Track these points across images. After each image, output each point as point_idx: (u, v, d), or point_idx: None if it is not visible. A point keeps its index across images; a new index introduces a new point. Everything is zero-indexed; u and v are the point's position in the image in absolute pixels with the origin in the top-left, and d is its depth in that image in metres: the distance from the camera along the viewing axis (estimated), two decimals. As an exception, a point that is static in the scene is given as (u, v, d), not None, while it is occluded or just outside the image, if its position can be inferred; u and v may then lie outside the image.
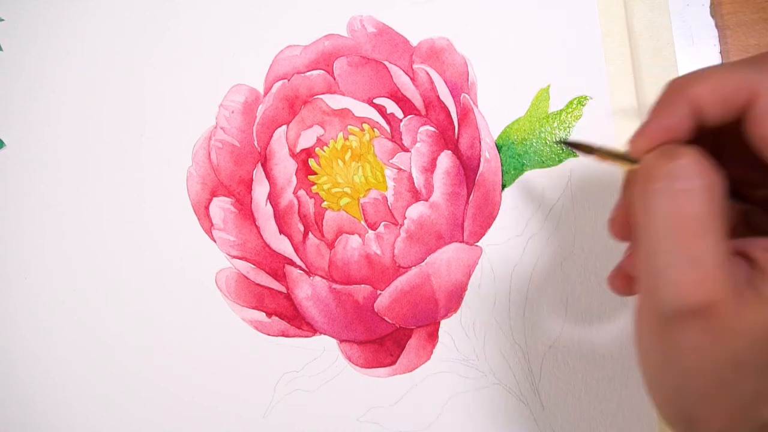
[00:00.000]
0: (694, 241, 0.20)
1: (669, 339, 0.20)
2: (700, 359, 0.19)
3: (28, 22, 0.37)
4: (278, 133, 0.35)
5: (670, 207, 0.20)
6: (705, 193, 0.20)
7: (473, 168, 0.34)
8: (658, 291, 0.20)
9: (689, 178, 0.20)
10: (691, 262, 0.20)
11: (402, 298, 0.34)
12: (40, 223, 0.36)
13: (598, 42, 0.34)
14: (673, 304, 0.20)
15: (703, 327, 0.19)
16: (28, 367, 0.36)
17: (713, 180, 0.20)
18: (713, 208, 0.20)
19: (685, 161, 0.20)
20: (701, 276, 0.19)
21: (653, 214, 0.20)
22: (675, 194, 0.20)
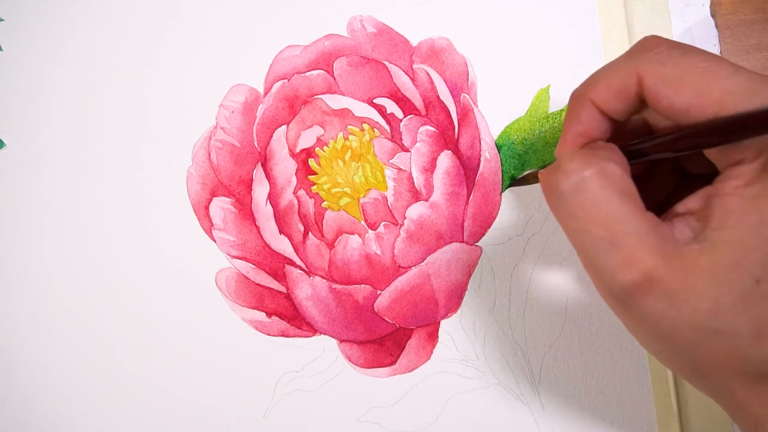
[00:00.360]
0: (607, 225, 0.21)
1: (632, 315, 0.21)
2: (670, 321, 0.20)
3: (28, 22, 0.37)
4: (278, 133, 0.35)
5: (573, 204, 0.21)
6: (598, 180, 0.21)
7: (473, 168, 0.34)
8: (600, 279, 0.21)
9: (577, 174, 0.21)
10: (612, 244, 0.21)
11: (402, 298, 0.34)
12: (40, 223, 0.36)
13: (598, 42, 0.34)
14: (616, 287, 0.21)
15: (655, 296, 0.20)
16: (28, 367, 0.36)
17: (602, 166, 0.21)
18: (613, 189, 0.21)
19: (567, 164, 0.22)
20: (627, 254, 0.20)
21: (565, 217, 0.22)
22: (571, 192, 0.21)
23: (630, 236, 0.21)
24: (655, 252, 0.20)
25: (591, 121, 0.23)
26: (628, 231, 0.21)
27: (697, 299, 0.20)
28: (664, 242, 0.21)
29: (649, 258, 0.20)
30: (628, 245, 0.20)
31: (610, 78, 0.22)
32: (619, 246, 0.21)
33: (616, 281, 0.21)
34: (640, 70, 0.21)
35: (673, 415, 0.33)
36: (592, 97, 0.23)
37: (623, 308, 0.21)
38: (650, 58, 0.21)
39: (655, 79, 0.21)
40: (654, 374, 0.33)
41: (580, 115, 0.23)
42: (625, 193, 0.21)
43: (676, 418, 0.33)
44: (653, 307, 0.20)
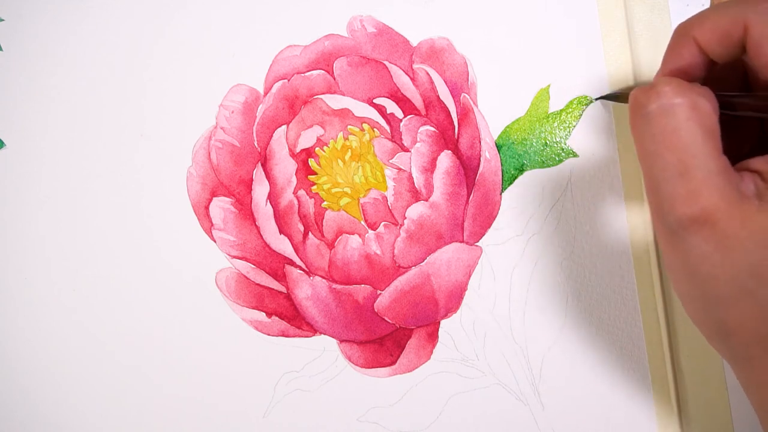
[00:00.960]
0: (682, 154, 0.21)
1: (679, 250, 0.21)
2: (712, 267, 0.21)
3: (28, 22, 0.37)
4: (278, 133, 0.35)
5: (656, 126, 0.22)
6: (686, 110, 0.21)
7: (473, 168, 0.34)
8: (660, 206, 0.22)
9: (668, 99, 0.22)
10: (681, 175, 0.21)
11: (402, 298, 0.34)
12: (40, 223, 0.36)
13: (598, 42, 0.34)
14: (673, 217, 0.21)
15: (705, 236, 0.21)
16: (28, 367, 0.36)
17: (694, 99, 0.22)
18: (696, 124, 0.21)
19: (662, 87, 0.22)
20: (694, 187, 0.21)
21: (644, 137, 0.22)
22: (658, 114, 0.22)
23: (701, 171, 0.21)
24: (720, 194, 0.21)
25: (691, 59, 0.23)
26: (700, 166, 0.21)
27: (743, 253, 0.20)
28: (730, 188, 0.21)
29: (712, 197, 0.20)
30: (697, 179, 0.21)
31: (717, 20, 0.22)
32: (688, 177, 0.21)
33: (675, 211, 0.21)
34: (748, 19, 0.22)
35: (673, 414, 0.33)
36: (696, 35, 0.23)
37: (672, 241, 0.22)
38: (760, 10, 0.22)
39: (760, 31, 0.21)
40: (654, 374, 0.33)
41: (681, 51, 0.24)
42: (709, 131, 0.21)
43: (676, 418, 0.33)
44: (701, 246, 0.21)
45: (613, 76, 0.34)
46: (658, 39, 0.34)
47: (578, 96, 0.34)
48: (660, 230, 0.22)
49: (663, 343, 0.33)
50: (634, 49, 0.34)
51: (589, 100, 0.34)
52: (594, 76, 0.34)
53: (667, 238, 0.22)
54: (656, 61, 0.34)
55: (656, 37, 0.34)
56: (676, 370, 0.33)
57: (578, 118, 0.34)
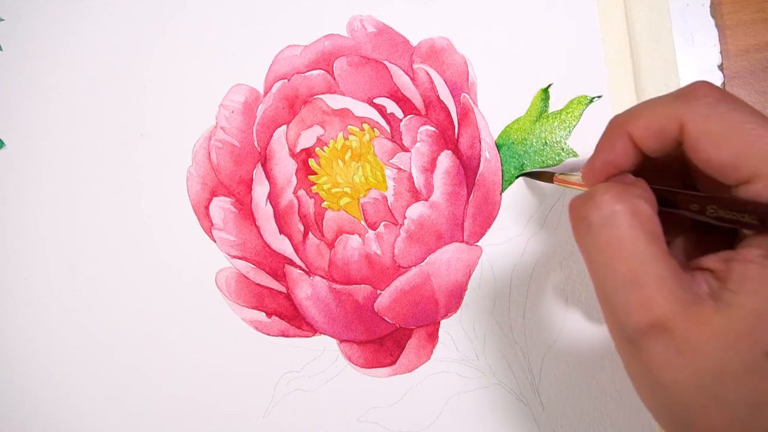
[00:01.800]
0: (627, 265, 0.21)
1: (640, 359, 0.21)
2: (675, 373, 0.20)
3: (28, 22, 0.37)
4: (278, 133, 0.35)
5: (597, 239, 0.21)
6: (628, 217, 0.21)
7: (473, 168, 0.34)
8: (614, 316, 0.21)
9: (608, 207, 0.21)
10: (631, 284, 0.21)
11: (402, 298, 0.34)
12: (40, 222, 0.36)
13: (598, 42, 0.34)
14: (629, 327, 0.21)
15: (664, 343, 0.20)
16: (28, 367, 0.36)
17: (634, 203, 0.21)
18: (639, 230, 0.21)
19: (600, 196, 0.22)
20: (646, 295, 0.20)
21: (588, 249, 0.22)
22: (596, 228, 0.21)
23: (651, 278, 0.20)
24: (673, 299, 0.20)
25: (624, 154, 0.23)
26: (650, 273, 0.20)
27: (704, 357, 0.20)
28: (683, 291, 0.20)
29: (666, 304, 0.20)
30: (648, 287, 0.20)
31: (652, 116, 0.22)
32: (639, 286, 0.20)
33: (630, 320, 0.20)
34: (684, 117, 0.21)
35: (673, 415, 0.33)
36: (631, 131, 0.23)
37: (631, 350, 0.21)
38: (696, 109, 0.21)
39: (697, 130, 0.21)
40: (654, 374, 0.33)
41: (614, 145, 0.23)
42: (653, 235, 0.21)
43: (676, 418, 0.33)
44: (661, 354, 0.20)
45: (613, 76, 0.34)
46: (658, 39, 0.34)
47: (578, 96, 0.34)
48: (617, 340, 0.22)
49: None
50: (634, 49, 0.34)
51: (589, 100, 0.34)
52: (594, 76, 0.34)
53: (626, 347, 0.21)
54: (656, 61, 0.34)
55: (656, 37, 0.34)
56: (676, 370, 0.33)
57: (578, 118, 0.34)
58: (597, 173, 0.24)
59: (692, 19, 0.34)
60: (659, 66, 0.34)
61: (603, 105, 0.34)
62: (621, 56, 0.34)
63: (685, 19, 0.34)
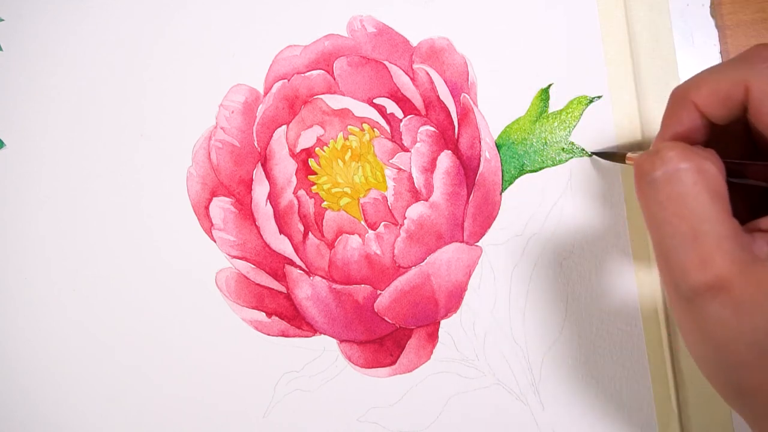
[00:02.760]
0: (690, 222, 0.21)
1: (694, 316, 0.21)
2: (730, 332, 0.20)
3: (28, 22, 0.37)
4: (278, 133, 0.35)
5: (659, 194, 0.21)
6: (693, 174, 0.21)
7: (473, 168, 0.34)
8: (671, 274, 0.21)
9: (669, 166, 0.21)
10: (692, 242, 0.21)
11: (402, 298, 0.34)
12: (40, 223, 0.36)
13: (598, 42, 0.34)
14: (686, 285, 0.21)
15: (722, 302, 0.20)
16: (28, 367, 0.36)
17: (699, 162, 0.21)
18: (704, 189, 0.21)
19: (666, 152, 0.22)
20: (705, 254, 0.20)
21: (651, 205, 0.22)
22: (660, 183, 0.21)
23: (711, 237, 0.20)
24: (732, 259, 0.20)
25: (691, 123, 0.23)
26: (710, 231, 0.20)
27: (761, 316, 0.20)
28: (742, 251, 0.20)
29: (725, 263, 0.20)
30: (708, 245, 0.20)
31: (716, 83, 0.22)
32: (699, 244, 0.20)
33: (688, 279, 0.21)
34: (749, 81, 0.21)
35: (673, 415, 0.33)
36: (696, 100, 0.23)
37: (687, 308, 0.21)
38: (760, 71, 0.21)
39: (762, 92, 0.21)
40: (654, 374, 0.33)
41: (680, 116, 0.23)
42: (716, 195, 0.21)
43: (676, 418, 0.33)
44: (717, 312, 0.20)
45: (613, 76, 0.34)
46: (658, 39, 0.34)
47: (578, 96, 0.34)
48: (673, 298, 0.22)
49: (663, 342, 0.33)
50: (634, 49, 0.34)
51: (589, 100, 0.34)
52: (594, 76, 0.34)
53: (682, 305, 0.21)
54: (656, 61, 0.34)
55: (656, 36, 0.34)
56: (676, 370, 0.33)
57: (578, 118, 0.34)
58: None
59: (692, 19, 0.34)
60: (659, 66, 0.34)
61: (603, 105, 0.34)
62: (621, 56, 0.34)
63: (685, 19, 0.34)
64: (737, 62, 0.22)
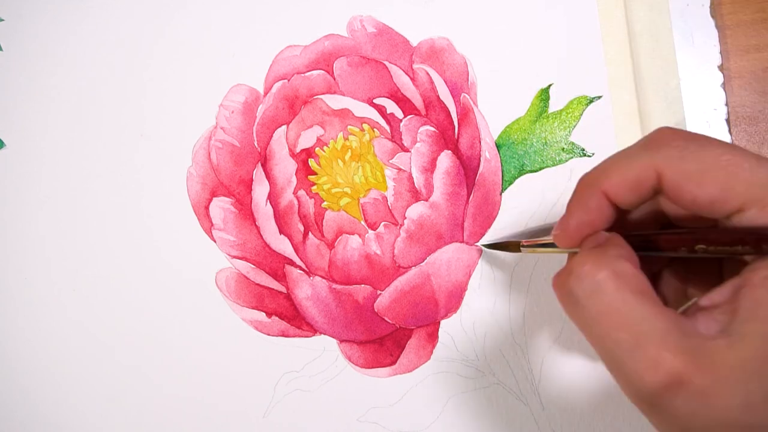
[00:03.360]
0: (626, 328, 0.20)
1: (663, 416, 0.21)
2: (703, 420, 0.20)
3: (28, 22, 0.37)
4: (278, 133, 0.35)
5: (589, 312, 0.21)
6: (612, 282, 0.21)
7: (473, 168, 0.34)
8: (627, 383, 0.21)
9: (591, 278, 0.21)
10: (635, 348, 0.20)
11: (402, 298, 0.34)
12: (40, 222, 0.36)
13: (598, 42, 0.34)
14: (644, 390, 0.20)
15: (684, 396, 0.20)
16: (28, 367, 0.36)
17: (614, 267, 0.21)
18: (630, 290, 0.21)
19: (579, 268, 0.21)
20: (651, 358, 0.20)
21: (583, 322, 0.22)
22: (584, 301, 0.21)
23: (653, 337, 0.20)
24: (680, 351, 0.20)
25: (599, 212, 0.23)
26: (650, 331, 0.20)
27: (728, 396, 0.19)
28: (688, 339, 0.20)
29: (675, 357, 0.20)
30: (652, 346, 0.20)
31: (625, 170, 0.22)
32: (643, 348, 0.20)
33: (644, 384, 0.20)
34: (660, 164, 0.21)
35: (673, 415, 0.33)
36: (605, 188, 0.23)
37: (653, 410, 0.21)
38: (669, 153, 0.21)
39: (676, 174, 0.21)
40: (654, 374, 0.33)
41: (588, 204, 0.23)
42: (641, 292, 0.21)
43: (676, 418, 0.33)
44: (684, 407, 0.20)
45: (613, 76, 0.34)
46: (658, 39, 0.34)
47: (578, 96, 0.34)
48: (637, 403, 0.21)
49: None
50: (634, 49, 0.34)
51: (589, 100, 0.34)
52: (594, 76, 0.34)
53: (647, 408, 0.21)
54: (656, 61, 0.34)
55: (656, 37, 0.34)
56: (676, 370, 0.33)
57: (578, 118, 0.34)
58: (572, 235, 0.24)
59: (692, 19, 0.34)
60: (659, 66, 0.34)
61: (603, 105, 0.34)
62: (621, 56, 0.34)
63: (685, 19, 0.34)
64: (643, 148, 0.22)
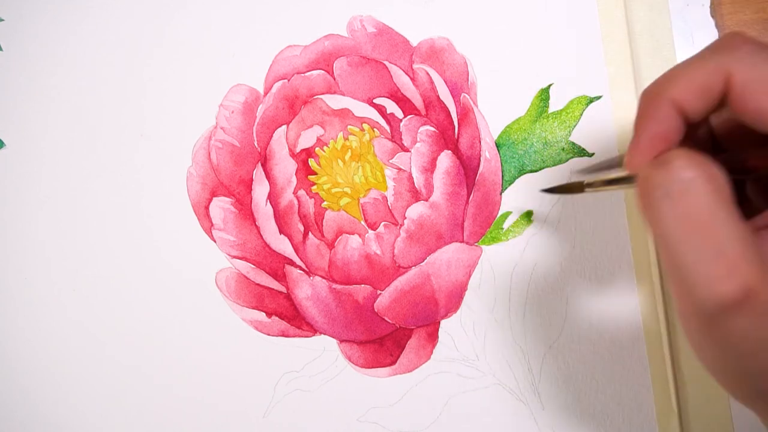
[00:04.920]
0: (710, 233, 0.20)
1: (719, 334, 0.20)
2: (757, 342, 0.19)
3: (28, 22, 0.37)
4: (278, 133, 0.35)
5: (676, 209, 0.20)
6: (703, 185, 0.20)
7: (473, 168, 0.34)
8: (694, 293, 0.20)
9: (683, 177, 0.20)
10: (714, 254, 0.20)
11: (402, 298, 0.34)
12: (40, 222, 0.36)
13: (598, 42, 0.34)
14: (711, 301, 0.20)
15: (749, 313, 0.19)
16: (28, 367, 0.36)
17: (707, 170, 0.20)
18: (718, 196, 0.20)
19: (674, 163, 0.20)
20: (729, 265, 0.19)
21: (664, 222, 0.20)
22: (676, 196, 0.20)
23: (734, 246, 0.19)
24: (756, 265, 0.19)
25: (671, 122, 0.22)
26: (731, 241, 0.19)
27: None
28: (760, 256, 0.20)
29: (751, 270, 0.19)
30: (732, 255, 0.19)
31: (692, 75, 0.21)
32: (721, 256, 0.19)
33: (712, 293, 0.20)
34: (731, 68, 0.20)
35: (673, 414, 0.33)
36: (673, 95, 0.21)
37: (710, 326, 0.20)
38: (740, 57, 0.20)
39: (746, 79, 0.20)
40: (654, 374, 0.33)
41: (659, 115, 0.22)
42: (729, 202, 0.20)
43: (676, 417, 0.33)
44: (744, 324, 0.19)
45: (613, 76, 0.34)
46: (658, 39, 0.34)
47: (578, 96, 0.34)
48: (692, 319, 0.21)
49: (663, 342, 0.33)
50: (634, 49, 0.34)
51: (589, 100, 0.34)
52: (594, 76, 0.34)
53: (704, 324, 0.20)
54: (656, 61, 0.34)
55: (656, 37, 0.34)
56: (676, 370, 0.33)
57: (578, 118, 0.34)
58: (645, 153, 0.22)
59: (692, 19, 0.34)
60: (659, 66, 0.34)
61: (603, 105, 0.34)
62: (621, 56, 0.34)
63: (685, 19, 0.34)
64: (713, 51, 0.21)
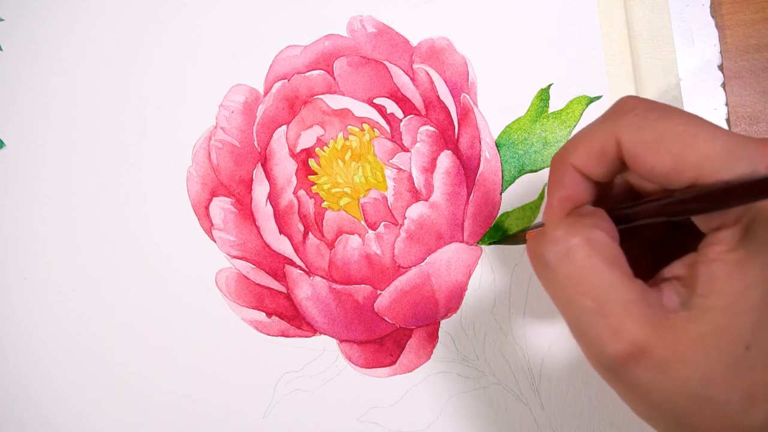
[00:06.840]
0: (594, 294, 0.21)
1: (624, 384, 0.21)
2: (664, 391, 0.20)
3: (28, 22, 0.37)
4: (278, 133, 0.35)
5: (560, 274, 0.21)
6: (584, 248, 0.21)
7: (473, 168, 0.34)
8: (589, 349, 0.21)
9: (563, 243, 0.21)
10: (599, 315, 0.20)
11: (402, 298, 0.34)
12: (39, 223, 0.36)
13: (598, 42, 0.34)
14: (605, 358, 0.21)
15: (645, 366, 0.20)
16: (28, 367, 0.36)
17: (588, 234, 0.21)
18: (601, 258, 0.21)
19: (553, 232, 0.22)
20: (615, 324, 0.20)
21: (551, 286, 0.22)
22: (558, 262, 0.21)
23: (617, 306, 0.20)
24: (643, 321, 0.20)
25: (574, 185, 0.23)
26: (615, 300, 0.20)
27: (688, 368, 0.20)
28: (652, 311, 0.20)
29: (637, 328, 0.20)
30: (616, 315, 0.20)
31: (589, 141, 0.22)
32: (606, 316, 0.20)
33: (606, 352, 0.20)
34: (618, 133, 0.21)
35: (673, 415, 0.33)
36: (573, 161, 0.23)
37: (614, 378, 0.21)
38: (628, 122, 0.21)
39: (633, 143, 0.21)
40: (654, 374, 0.33)
41: (562, 179, 0.23)
42: (612, 261, 0.21)
43: (676, 418, 0.33)
44: (644, 376, 0.20)
45: (613, 76, 0.34)
46: (658, 39, 0.34)
47: (578, 96, 0.34)
48: (599, 370, 0.22)
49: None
50: (634, 49, 0.34)
51: (589, 100, 0.34)
52: (594, 76, 0.34)
53: (609, 376, 0.21)
54: (656, 61, 0.34)
55: (656, 37, 0.34)
56: (676, 370, 0.33)
57: (578, 118, 0.34)
58: (557, 212, 0.24)
59: (692, 19, 0.34)
60: (659, 66, 0.34)
61: (603, 105, 0.34)
62: (621, 56, 0.34)
63: (685, 19, 0.34)
64: (605, 117, 0.22)
